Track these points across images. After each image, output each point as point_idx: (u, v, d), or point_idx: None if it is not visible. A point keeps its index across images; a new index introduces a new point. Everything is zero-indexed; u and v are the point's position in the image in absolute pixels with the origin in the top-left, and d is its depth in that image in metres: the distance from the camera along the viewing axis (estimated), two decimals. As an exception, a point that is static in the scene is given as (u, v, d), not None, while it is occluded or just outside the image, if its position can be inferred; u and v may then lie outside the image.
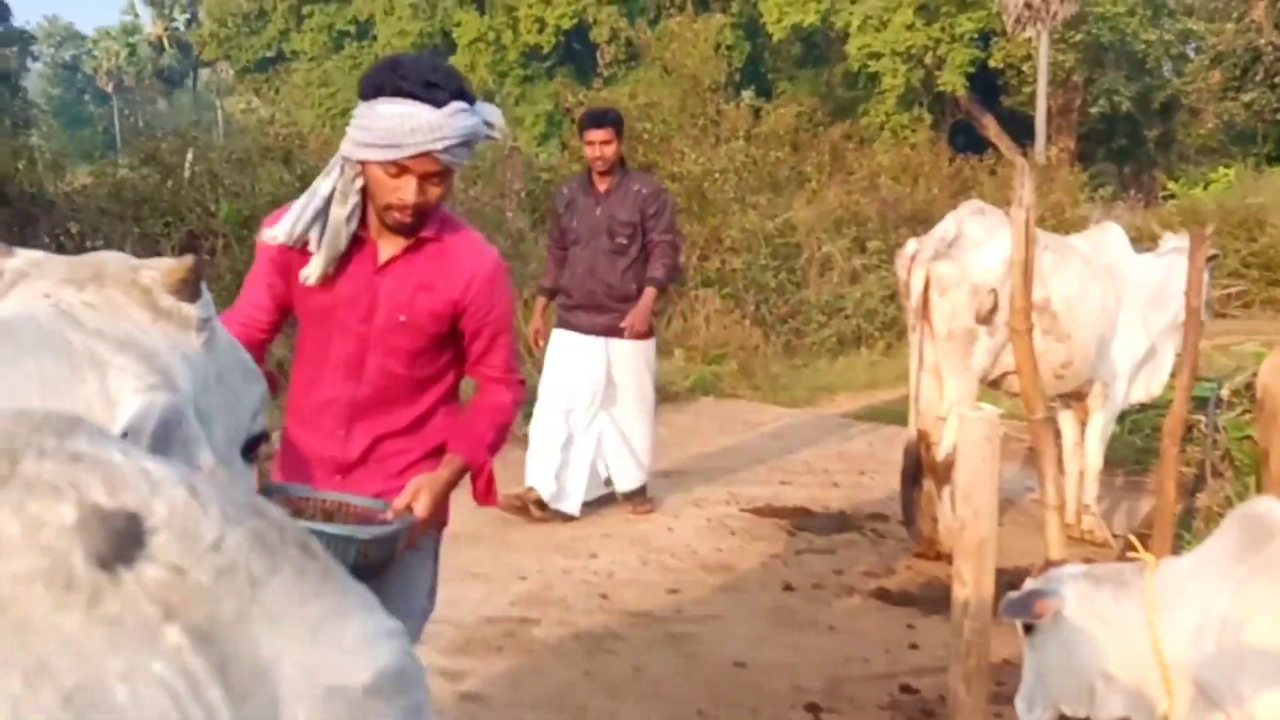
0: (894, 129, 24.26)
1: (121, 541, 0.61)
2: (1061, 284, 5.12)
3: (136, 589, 0.61)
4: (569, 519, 5.61)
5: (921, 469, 5.13)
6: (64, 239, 8.73)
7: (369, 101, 2.27)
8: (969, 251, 5.03)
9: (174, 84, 55.10)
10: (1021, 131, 24.55)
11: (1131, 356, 5.47)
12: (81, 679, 0.58)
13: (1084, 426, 5.59)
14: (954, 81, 24.73)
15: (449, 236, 2.46)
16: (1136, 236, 6.09)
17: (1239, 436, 5.90)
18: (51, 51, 59.98)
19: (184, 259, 1.21)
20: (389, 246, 2.43)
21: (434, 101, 2.23)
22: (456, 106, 2.25)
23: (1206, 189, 17.95)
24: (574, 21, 28.25)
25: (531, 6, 28.42)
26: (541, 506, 5.56)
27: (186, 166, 9.81)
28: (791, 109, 17.39)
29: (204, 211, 9.17)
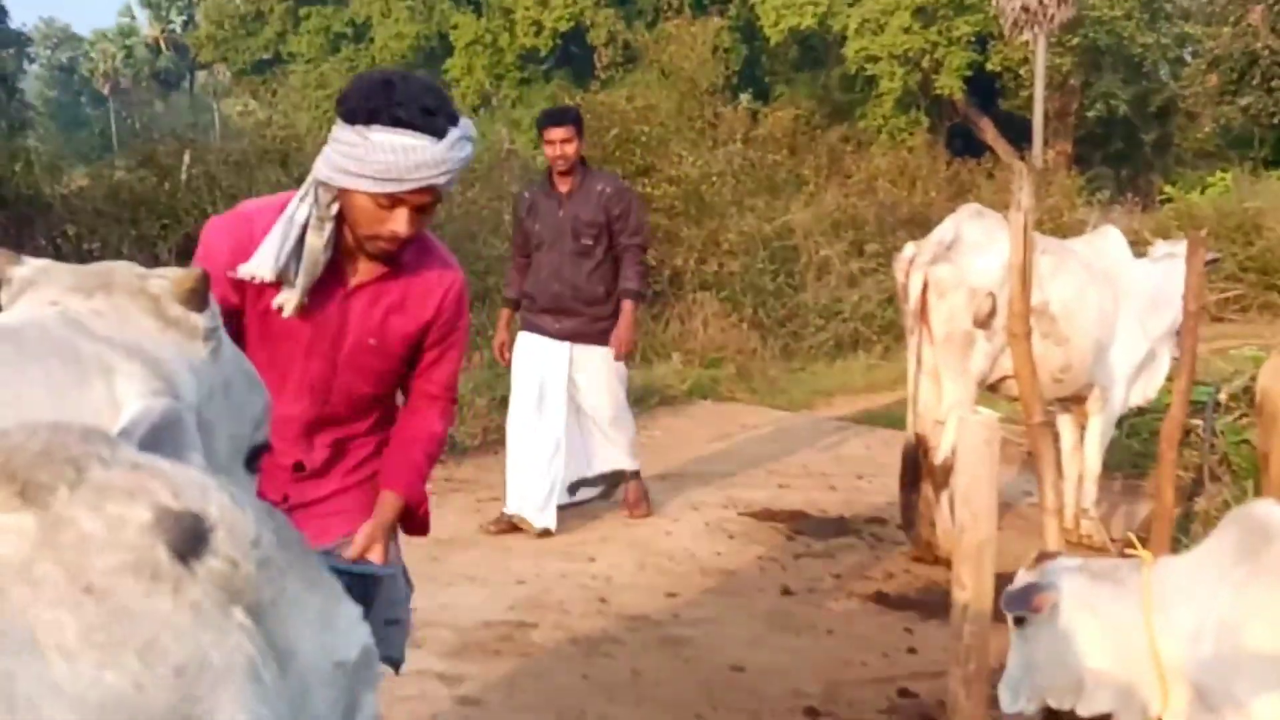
0: (891, 132, 24.23)
1: (192, 537, 0.72)
2: (1060, 288, 5.12)
3: (206, 578, 0.72)
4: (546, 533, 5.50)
5: (920, 473, 5.13)
6: (61, 241, 8.74)
7: (358, 127, 2.11)
8: (967, 255, 5.03)
9: (171, 86, 55.00)
10: (1019, 135, 24.58)
11: (1130, 361, 5.46)
12: (187, 653, 0.69)
13: (1082, 430, 5.60)
14: (951, 85, 24.74)
15: (420, 255, 2.37)
16: (1133, 240, 6.07)
17: (1237, 441, 5.91)
18: (48, 53, 59.97)
19: (193, 269, 1.22)
20: (361, 271, 2.32)
21: (435, 132, 2.11)
22: (456, 135, 2.15)
23: (1203, 193, 17.93)
24: (571, 24, 28.21)
25: (529, 9, 28.37)
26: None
27: (183, 169, 9.82)
28: (789, 112, 17.38)
29: (201, 213, 9.11)
